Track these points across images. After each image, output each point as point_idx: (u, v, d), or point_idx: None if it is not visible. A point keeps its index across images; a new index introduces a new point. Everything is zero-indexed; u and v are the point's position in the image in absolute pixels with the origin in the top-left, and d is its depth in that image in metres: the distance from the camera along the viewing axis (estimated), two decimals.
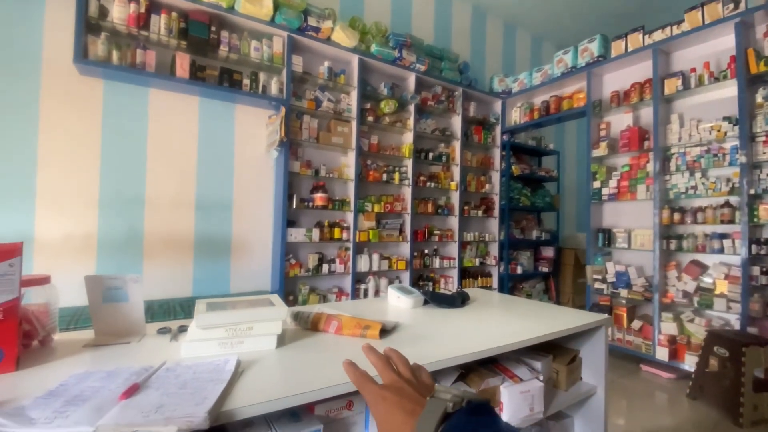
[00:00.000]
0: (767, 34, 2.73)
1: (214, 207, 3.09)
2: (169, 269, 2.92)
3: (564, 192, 5.77)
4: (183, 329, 1.00)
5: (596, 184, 3.66)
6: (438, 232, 4.14)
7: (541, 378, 1.10)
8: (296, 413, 0.81)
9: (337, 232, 3.35)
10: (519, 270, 4.78)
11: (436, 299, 1.40)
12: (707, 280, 2.94)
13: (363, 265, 3.50)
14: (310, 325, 1.06)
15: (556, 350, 1.32)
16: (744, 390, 2.20)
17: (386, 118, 3.73)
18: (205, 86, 2.85)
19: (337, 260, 3.38)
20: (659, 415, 2.39)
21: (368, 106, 3.64)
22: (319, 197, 3.24)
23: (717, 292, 2.84)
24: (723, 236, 2.86)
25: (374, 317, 1.10)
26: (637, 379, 2.98)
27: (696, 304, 2.94)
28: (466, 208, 4.39)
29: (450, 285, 4.21)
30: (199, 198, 3.04)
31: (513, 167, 4.78)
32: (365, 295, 3.49)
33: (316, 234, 3.23)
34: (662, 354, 3.02)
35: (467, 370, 1.09)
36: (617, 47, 3.57)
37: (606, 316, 1.29)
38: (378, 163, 3.77)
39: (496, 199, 4.69)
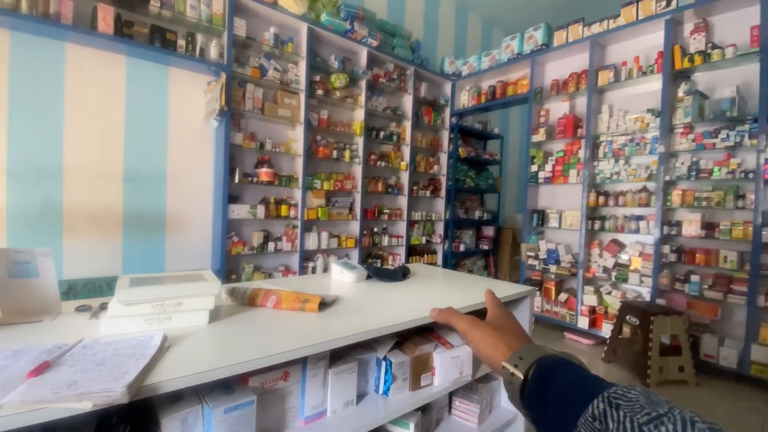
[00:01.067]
0: (694, 32, 2.98)
1: (146, 179, 2.86)
2: (95, 246, 2.67)
3: (506, 175, 6.07)
4: (105, 307, 0.93)
5: (534, 168, 3.89)
6: (387, 210, 4.19)
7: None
8: (229, 385, 0.80)
9: (284, 209, 3.26)
10: (462, 248, 5.02)
11: (378, 274, 1.43)
12: (624, 257, 3.29)
13: (311, 243, 3.46)
14: (248, 301, 1.03)
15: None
16: (651, 354, 2.52)
17: (337, 92, 3.64)
18: (132, 44, 2.57)
19: (284, 238, 3.30)
20: None
21: (318, 78, 3.52)
22: (264, 172, 3.11)
23: (632, 267, 3.20)
24: (639, 218, 3.20)
25: (317, 292, 1.10)
26: (562, 345, 3.31)
27: (614, 279, 3.29)
28: (415, 188, 4.47)
29: (398, 262, 4.32)
30: (128, 169, 2.78)
31: (460, 149, 4.93)
32: (314, 273, 3.48)
33: (261, 211, 3.12)
34: (583, 323, 3.37)
35: (404, 339, 1.14)
36: (559, 37, 3.75)
37: (531, 287, 1.40)
38: (328, 140, 3.69)
39: (443, 180, 4.83)
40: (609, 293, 3.34)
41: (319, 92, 3.49)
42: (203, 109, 3.08)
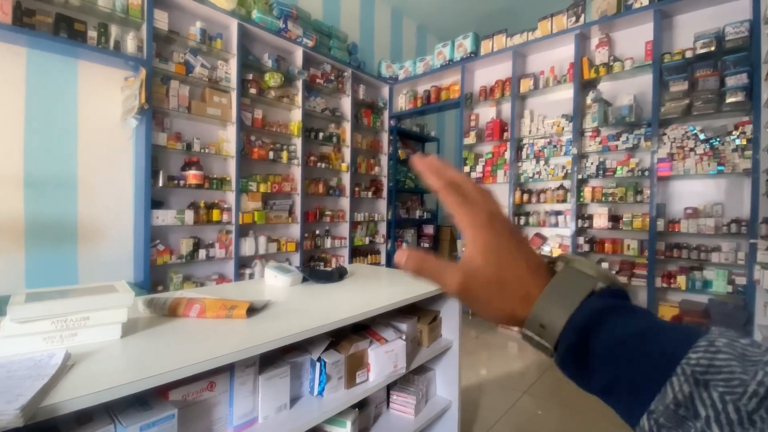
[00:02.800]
0: (599, 46, 3.36)
1: (52, 184, 2.54)
2: None
3: None
4: None
5: (466, 169, 4.12)
6: (329, 212, 4.16)
7: (404, 338, 1.22)
8: (146, 401, 0.75)
9: (216, 213, 3.09)
10: (404, 246, 5.13)
11: (314, 276, 1.43)
12: (546, 249, 3.60)
13: (248, 248, 3.33)
14: (168, 311, 0.98)
15: (421, 312, 1.48)
16: None
17: (272, 92, 3.54)
18: (34, 35, 2.28)
19: (217, 244, 3.13)
20: (512, 361, 2.89)
21: (250, 77, 3.39)
22: (192, 175, 2.93)
23: None
24: (558, 213, 3.53)
25: (248, 298, 1.07)
26: (495, 333, 3.53)
27: None
28: (356, 189, 4.49)
29: (341, 264, 4.30)
30: (30, 173, 2.46)
31: (399, 151, 5.05)
32: (251, 279, 3.34)
33: (189, 216, 2.93)
34: None
35: (339, 338, 1.15)
36: (486, 46, 4.01)
37: None
38: (263, 140, 3.57)
39: (385, 181, 4.91)
40: None
41: (253, 91, 3.37)
42: (120, 106, 2.82)
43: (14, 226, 2.42)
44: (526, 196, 3.71)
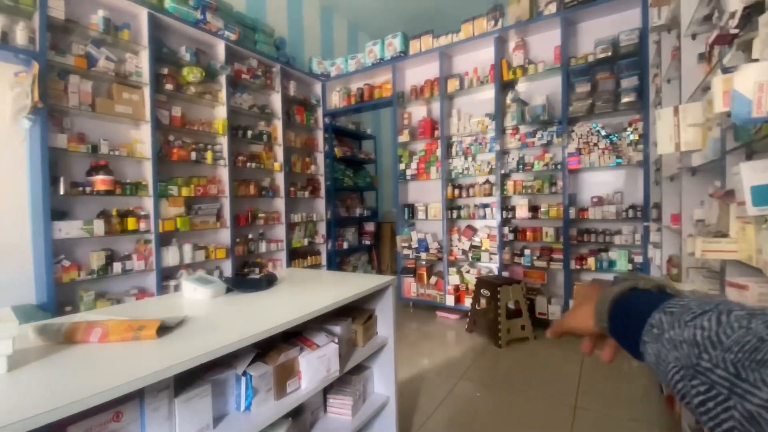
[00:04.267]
0: (515, 49, 3.60)
1: None
2: None
3: (381, 173, 6.41)
4: None
5: (402, 166, 4.21)
6: (263, 214, 3.99)
7: (336, 340, 1.22)
8: None
9: (131, 222, 2.80)
10: (345, 245, 5.12)
11: (239, 285, 1.36)
12: (477, 240, 3.81)
13: (171, 258, 3.07)
14: (64, 338, 0.87)
15: (356, 312, 1.48)
16: (500, 319, 2.98)
17: (191, 87, 3.29)
18: None
19: (135, 256, 2.84)
20: (449, 349, 3.02)
21: (166, 71, 3.12)
22: (100, 180, 2.62)
23: (483, 248, 3.73)
24: (486, 206, 3.75)
25: (162, 315, 0.99)
26: (434, 323, 3.67)
27: (470, 259, 3.79)
28: (292, 189, 4.36)
29: (279, 268, 4.16)
30: None
31: (336, 149, 5.00)
32: (177, 292, 3.09)
33: (99, 226, 2.61)
34: (450, 300, 3.80)
35: (267, 348, 1.11)
36: (414, 46, 4.11)
37: (392, 277, 1.51)
38: (184, 140, 3.31)
39: (322, 179, 4.83)
40: (468, 272, 3.84)
41: (169, 87, 3.10)
42: (9, 105, 2.43)
43: None
44: (457, 191, 3.89)
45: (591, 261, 3.21)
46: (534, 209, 3.47)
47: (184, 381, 0.91)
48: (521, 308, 3.12)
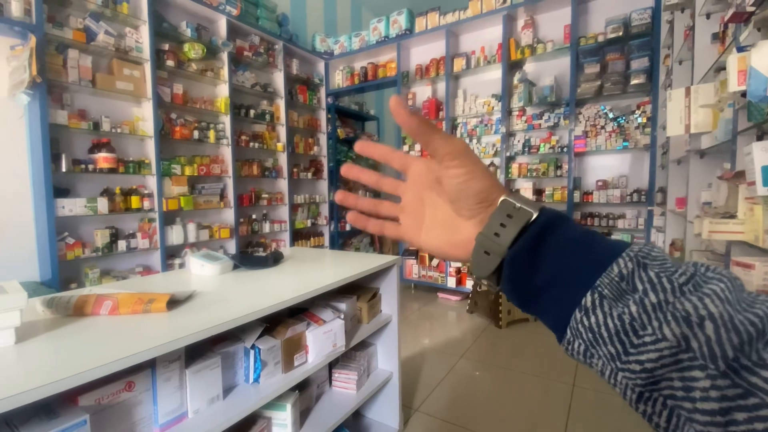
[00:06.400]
0: (524, 28, 3.50)
1: None
2: None
3: None
4: None
5: (405, 148, 4.16)
6: (266, 195, 3.98)
7: (342, 317, 1.23)
8: (52, 409, 0.68)
9: (135, 200, 2.80)
10: (348, 227, 5.13)
11: (246, 262, 1.37)
12: None
13: (175, 237, 3.08)
14: (73, 311, 0.88)
15: (360, 291, 1.49)
16: (501, 300, 3.01)
17: (193, 64, 3.23)
18: None
19: (139, 234, 2.86)
20: (450, 329, 3.06)
21: (167, 47, 3.06)
22: (103, 158, 2.60)
23: None
24: None
25: (171, 290, 0.99)
26: (436, 305, 3.71)
27: None
28: (295, 170, 4.34)
29: (282, 248, 4.18)
30: None
31: (339, 130, 4.94)
32: (177, 270, 3.11)
33: (103, 204, 2.62)
34: (452, 282, 3.83)
35: (274, 323, 1.12)
36: (420, 23, 4.01)
37: (396, 257, 1.52)
38: (186, 118, 3.27)
39: (324, 161, 4.80)
40: None
41: (170, 63, 3.05)
42: (6, 80, 2.39)
43: None
44: None
45: None
46: (539, 192, 3.46)
47: (194, 353, 0.93)
48: None
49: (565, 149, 3.30)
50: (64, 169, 2.48)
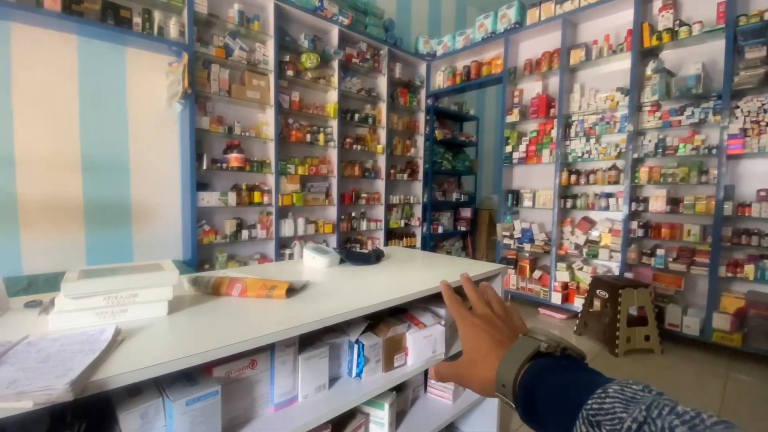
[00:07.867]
0: (662, 9, 2.99)
1: (107, 167, 2.71)
2: (55, 239, 2.54)
3: (482, 156, 6.11)
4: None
5: (508, 149, 3.92)
6: (365, 195, 4.16)
7: (443, 323, 1.18)
8: (192, 377, 0.77)
9: (257, 195, 3.17)
10: (440, 230, 5.06)
11: (351, 257, 1.41)
12: (595, 234, 3.39)
13: (287, 229, 3.40)
14: (212, 290, 1.00)
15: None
16: (619, 325, 2.62)
17: (308, 73, 3.52)
18: (83, 22, 2.39)
19: (259, 225, 3.23)
20: None
21: (287, 58, 3.39)
22: (234, 158, 3.01)
23: (602, 244, 3.30)
24: (609, 195, 3.29)
25: (287, 278, 1.07)
26: (536, 321, 3.41)
27: (585, 255, 3.40)
28: (392, 171, 4.44)
29: (377, 246, 4.31)
30: (87, 157, 2.63)
31: (436, 132, 4.91)
32: (291, 260, 3.43)
33: (232, 198, 3.02)
34: (556, 298, 3.48)
35: (377, 321, 1.13)
36: (532, 15, 3.73)
37: (502, 266, 1.42)
38: (301, 123, 3.59)
39: (421, 162, 4.81)
40: (581, 269, 3.45)
41: (290, 73, 3.37)
42: (165, 91, 2.92)
43: (74, 208, 2.61)
44: (573, 177, 3.49)
45: (749, 269, 2.59)
46: (674, 202, 2.92)
47: (304, 340, 0.98)
48: (647, 316, 2.69)
49: (713, 151, 2.73)
50: (204, 167, 2.92)
